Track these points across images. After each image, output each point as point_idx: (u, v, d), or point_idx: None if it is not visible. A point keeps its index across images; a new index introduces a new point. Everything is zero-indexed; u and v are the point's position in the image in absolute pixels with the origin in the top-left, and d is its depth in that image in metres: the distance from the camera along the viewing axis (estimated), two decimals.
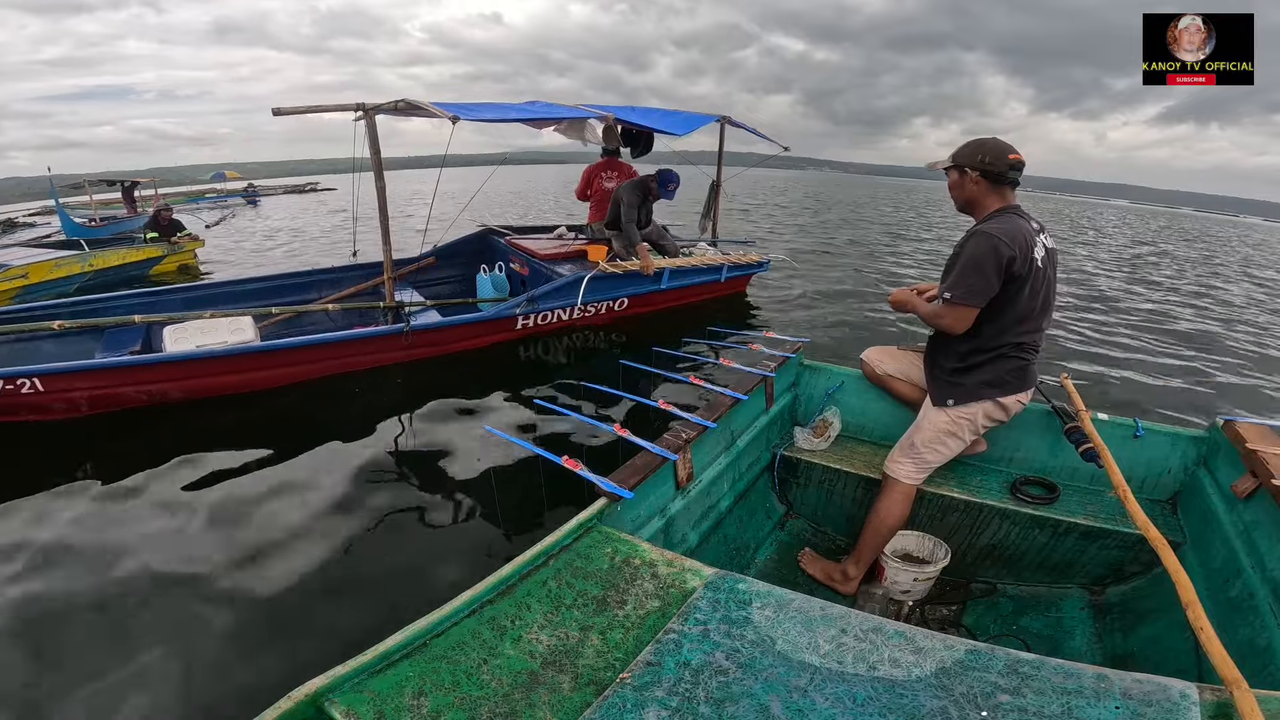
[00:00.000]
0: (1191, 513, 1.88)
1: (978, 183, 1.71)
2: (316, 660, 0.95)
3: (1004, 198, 1.73)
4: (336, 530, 2.52)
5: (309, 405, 3.72)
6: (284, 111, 3.78)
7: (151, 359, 3.50)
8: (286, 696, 0.84)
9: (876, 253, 11.60)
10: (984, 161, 1.69)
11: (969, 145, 1.73)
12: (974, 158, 1.70)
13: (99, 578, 2.21)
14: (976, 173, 1.70)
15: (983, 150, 1.70)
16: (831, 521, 2.32)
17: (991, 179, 1.70)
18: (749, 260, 6.14)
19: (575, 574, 1.22)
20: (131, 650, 1.89)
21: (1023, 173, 1.70)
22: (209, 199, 21.95)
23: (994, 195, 1.72)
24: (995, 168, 1.68)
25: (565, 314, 4.85)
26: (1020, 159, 1.69)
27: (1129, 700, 0.85)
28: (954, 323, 1.72)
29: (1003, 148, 1.69)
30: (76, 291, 6.68)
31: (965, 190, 1.75)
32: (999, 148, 1.69)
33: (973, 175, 1.71)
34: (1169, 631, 1.59)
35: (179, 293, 4.61)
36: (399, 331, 3.99)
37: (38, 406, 3.24)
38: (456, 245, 5.93)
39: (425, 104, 3.92)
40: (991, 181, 1.70)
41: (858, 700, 0.90)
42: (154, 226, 8.23)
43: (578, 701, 0.95)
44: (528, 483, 2.87)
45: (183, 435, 3.27)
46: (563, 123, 4.73)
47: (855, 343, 5.23)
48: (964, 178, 1.73)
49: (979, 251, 1.63)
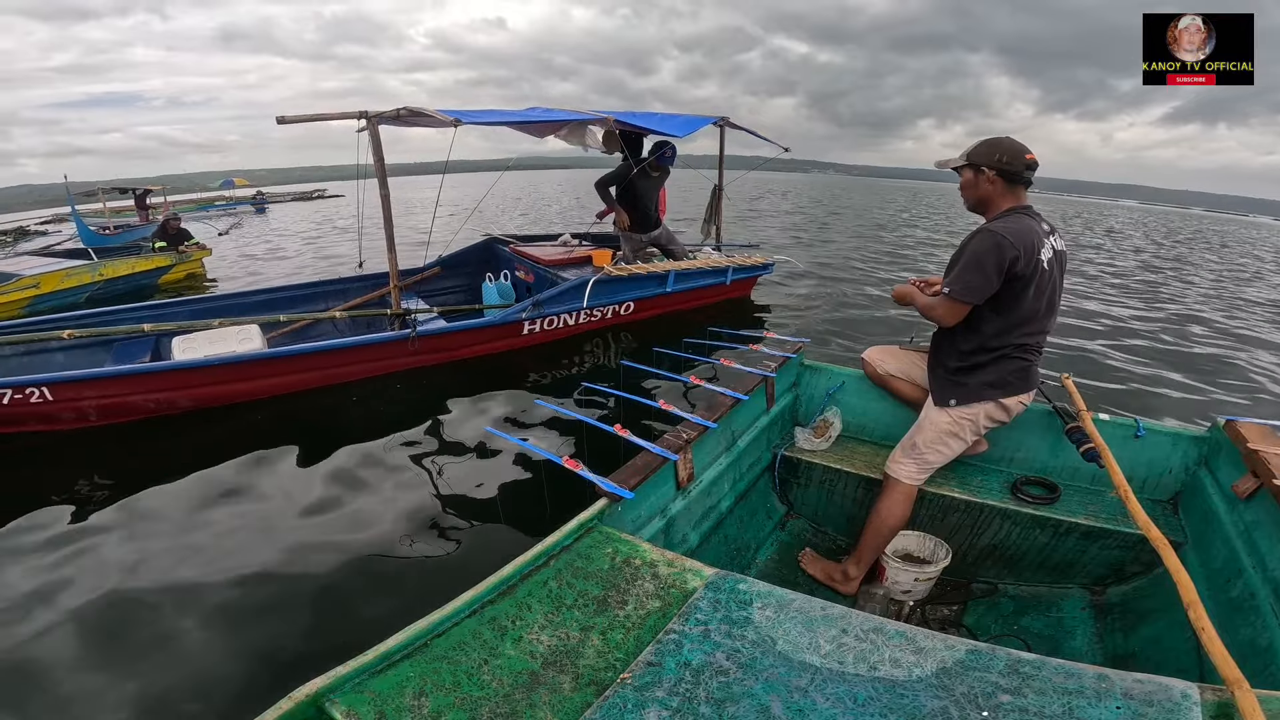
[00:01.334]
0: (1192, 513, 1.88)
1: (993, 182, 1.70)
2: (317, 660, 0.95)
3: (1017, 197, 1.72)
4: (339, 532, 2.52)
5: (317, 413, 3.72)
6: (288, 120, 3.78)
7: (159, 366, 3.48)
8: (287, 696, 0.85)
9: (879, 254, 11.61)
10: (1001, 161, 1.68)
11: (984, 144, 1.72)
12: (991, 157, 1.69)
13: (105, 584, 2.22)
14: (993, 172, 1.69)
15: (999, 149, 1.69)
16: (832, 522, 2.32)
17: (1007, 178, 1.69)
18: (754, 262, 6.13)
19: (576, 574, 1.22)
20: (129, 658, 1.90)
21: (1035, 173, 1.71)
22: (218, 206, 21.98)
23: (1008, 195, 1.72)
24: (1013, 167, 1.67)
25: (571, 318, 4.83)
26: (1035, 159, 1.69)
27: (1130, 700, 0.85)
28: (946, 314, 1.74)
29: (1019, 148, 1.69)
30: (87, 301, 6.67)
31: (980, 189, 1.74)
32: (1015, 147, 1.69)
33: (989, 175, 1.70)
34: (1170, 631, 1.58)
35: (187, 304, 4.61)
36: (405, 337, 3.98)
37: (46, 416, 3.22)
38: (461, 255, 5.92)
39: (426, 110, 3.93)
40: (1007, 181, 1.70)
41: (858, 700, 0.90)
42: (162, 235, 8.27)
43: (578, 702, 0.95)
44: (528, 483, 2.87)
45: (190, 444, 3.28)
46: (563, 129, 4.75)
47: (857, 343, 5.23)
48: (979, 177, 1.72)
49: (982, 249, 1.64)
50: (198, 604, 2.11)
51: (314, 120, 3.87)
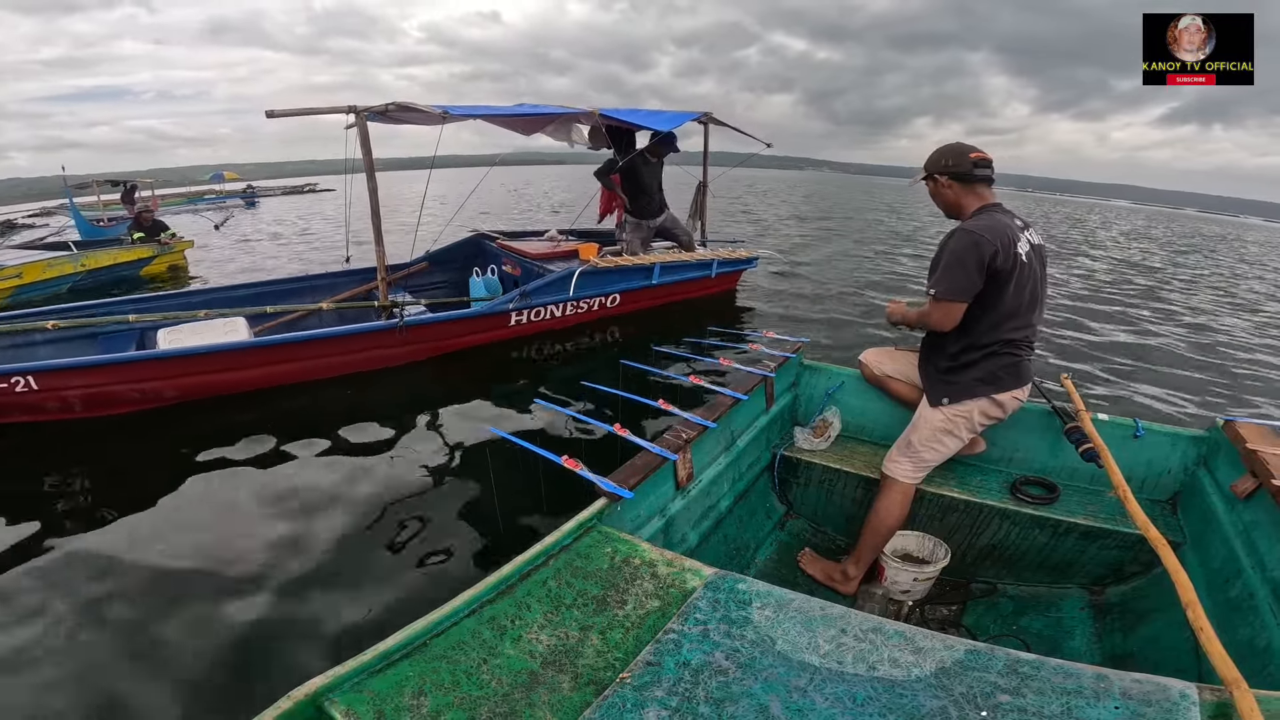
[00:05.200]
0: (1191, 513, 1.88)
1: (950, 186, 1.79)
2: (316, 660, 0.95)
3: (981, 196, 1.78)
4: (335, 531, 2.52)
5: (306, 406, 3.71)
6: (277, 114, 3.80)
7: (145, 355, 3.49)
8: (286, 696, 0.84)
9: (870, 252, 11.59)
10: (947, 165, 1.78)
11: (935, 153, 1.83)
12: (939, 163, 1.79)
13: (91, 581, 2.22)
14: (945, 177, 1.79)
15: (945, 155, 1.79)
16: (831, 521, 2.32)
17: (960, 180, 1.77)
18: (738, 256, 6.24)
19: (575, 574, 1.22)
20: (124, 655, 1.89)
21: (993, 169, 1.76)
22: (208, 200, 22.01)
23: (970, 195, 1.78)
24: (960, 168, 1.76)
25: (558, 310, 4.88)
26: (984, 157, 1.75)
27: (1129, 700, 0.85)
28: (942, 318, 1.76)
29: (962, 149, 1.77)
30: (69, 291, 6.73)
31: (942, 195, 1.83)
32: (959, 149, 1.78)
33: (943, 180, 1.80)
34: (1169, 631, 1.59)
35: (173, 298, 4.62)
36: (393, 327, 3.99)
37: (32, 406, 3.22)
38: (449, 250, 5.95)
39: (415, 104, 3.96)
40: (962, 182, 1.77)
41: (857, 700, 0.90)
42: (137, 227, 8.39)
43: (578, 701, 0.95)
44: (527, 483, 2.87)
45: (177, 437, 3.27)
46: (550, 125, 4.81)
47: (854, 343, 5.23)
48: (937, 184, 1.82)
49: (960, 247, 1.68)
50: (189, 602, 2.10)
51: (303, 114, 3.92)
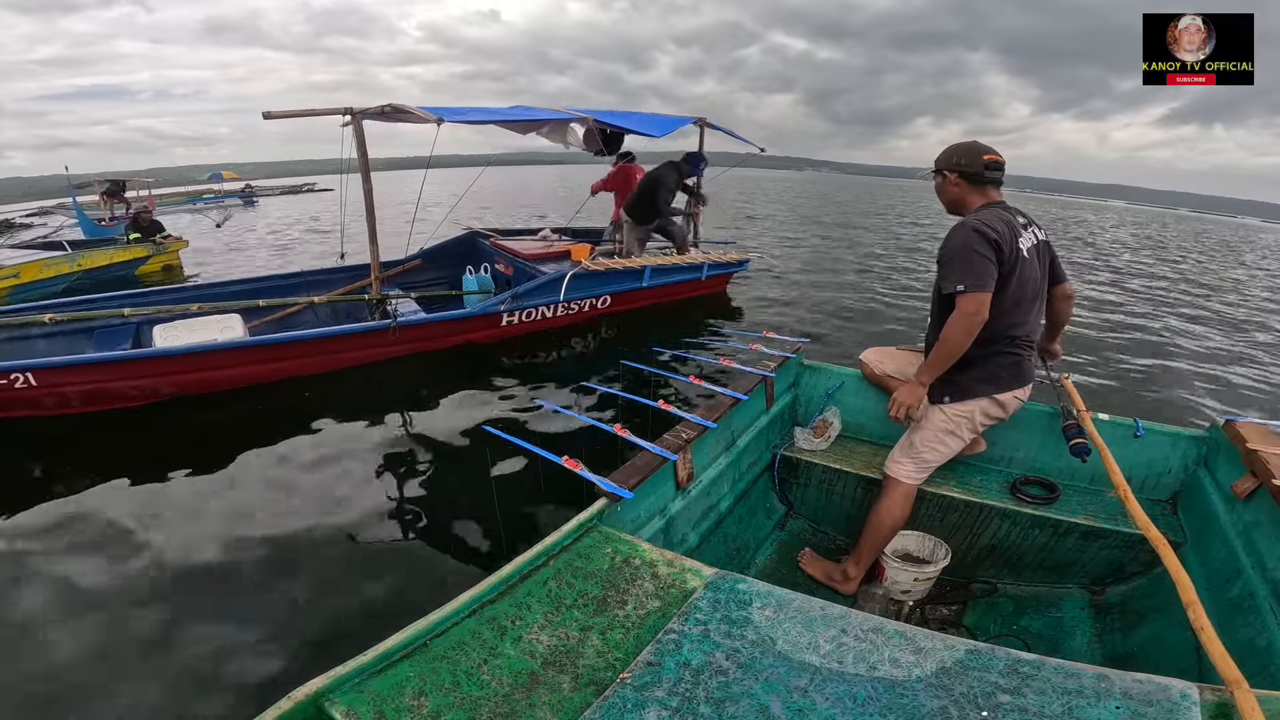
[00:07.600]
0: (1192, 513, 1.88)
1: (957, 184, 1.79)
2: (315, 661, 0.95)
3: (986, 196, 1.78)
4: (333, 531, 2.51)
5: (301, 403, 3.72)
6: (274, 115, 3.82)
7: (143, 353, 3.55)
8: (287, 697, 0.84)
9: (870, 252, 11.58)
10: (959, 163, 1.78)
11: (946, 149, 1.83)
12: (950, 160, 1.80)
13: (78, 579, 2.21)
14: (955, 174, 1.78)
15: (957, 153, 1.79)
16: (831, 521, 2.32)
17: (969, 179, 1.77)
18: (729, 259, 6.26)
19: (575, 574, 1.22)
20: (118, 655, 1.89)
21: (1003, 171, 1.76)
22: (206, 199, 22.04)
23: (976, 194, 1.78)
24: (971, 168, 1.75)
25: (549, 311, 4.92)
26: (997, 159, 1.74)
27: (1129, 700, 0.85)
28: (975, 312, 1.64)
29: (977, 149, 1.77)
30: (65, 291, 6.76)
31: (948, 192, 1.83)
32: (973, 148, 1.77)
33: (951, 177, 1.79)
34: (1169, 631, 1.59)
35: (169, 293, 4.67)
36: (386, 327, 4.05)
37: (30, 401, 3.26)
38: (442, 248, 5.99)
39: (409, 107, 3.99)
40: (970, 182, 1.77)
41: (858, 700, 0.90)
42: (134, 227, 8.39)
43: (578, 701, 0.95)
44: (527, 483, 2.87)
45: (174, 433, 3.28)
46: (545, 127, 4.86)
47: (854, 343, 5.23)
48: (945, 180, 1.81)
49: (965, 239, 1.67)
50: (186, 601, 2.10)
51: (300, 115, 3.94)
